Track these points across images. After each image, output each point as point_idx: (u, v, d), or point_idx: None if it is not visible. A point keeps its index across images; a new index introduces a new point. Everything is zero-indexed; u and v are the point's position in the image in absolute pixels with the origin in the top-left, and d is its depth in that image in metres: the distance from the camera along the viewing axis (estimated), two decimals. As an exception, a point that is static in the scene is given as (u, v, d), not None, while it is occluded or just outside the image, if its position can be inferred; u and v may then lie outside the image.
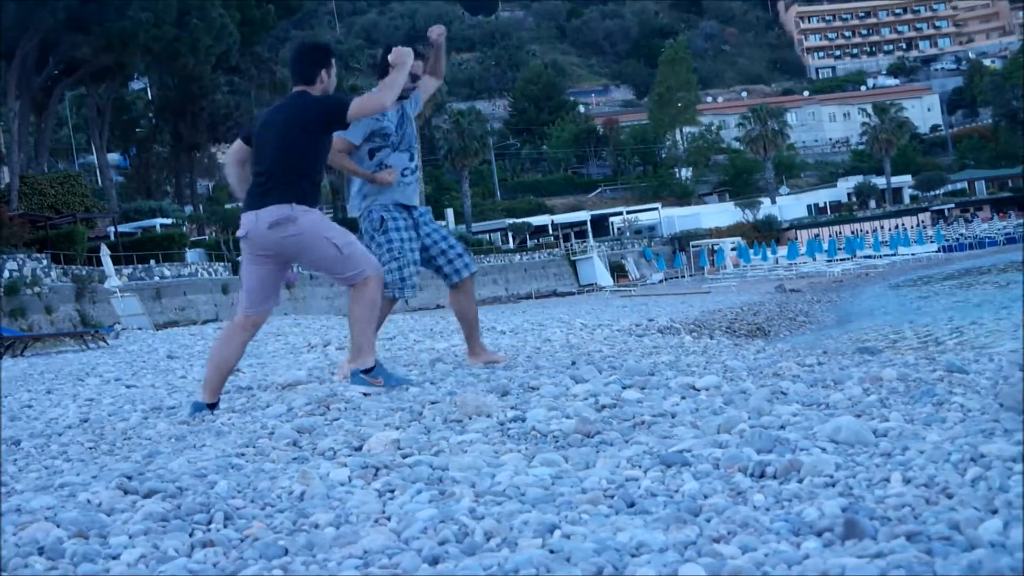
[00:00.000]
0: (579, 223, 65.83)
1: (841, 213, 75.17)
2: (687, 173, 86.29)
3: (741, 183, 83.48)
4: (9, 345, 16.86)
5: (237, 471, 3.22)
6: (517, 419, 3.73)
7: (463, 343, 6.57)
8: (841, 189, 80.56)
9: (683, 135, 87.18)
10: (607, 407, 3.87)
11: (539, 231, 65.06)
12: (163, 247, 35.94)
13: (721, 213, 71.41)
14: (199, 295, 33.11)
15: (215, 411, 4.85)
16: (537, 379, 4.83)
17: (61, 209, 36.94)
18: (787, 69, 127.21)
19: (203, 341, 14.88)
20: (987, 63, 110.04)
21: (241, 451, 3.60)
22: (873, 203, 77.21)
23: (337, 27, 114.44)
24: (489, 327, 11.28)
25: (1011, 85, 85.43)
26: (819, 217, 74.50)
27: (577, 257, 57.55)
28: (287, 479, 3.01)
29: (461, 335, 6.55)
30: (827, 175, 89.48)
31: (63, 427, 5.15)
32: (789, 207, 74.96)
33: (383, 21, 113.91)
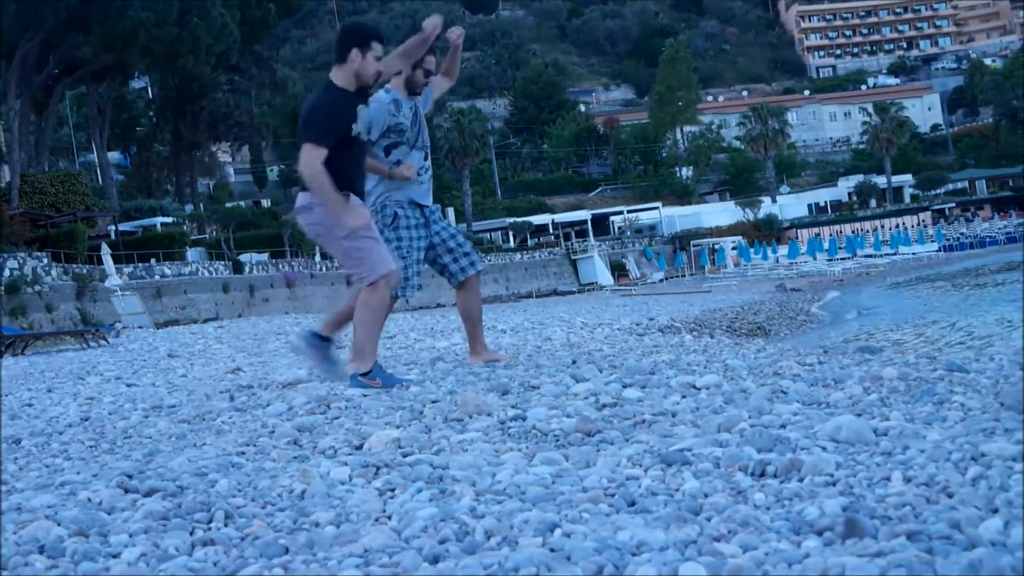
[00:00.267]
0: (580, 222, 65.80)
1: (842, 212, 75.17)
2: (688, 172, 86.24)
3: (742, 182, 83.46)
4: (10, 344, 16.87)
5: (238, 470, 3.22)
6: (518, 418, 3.73)
7: (463, 342, 6.57)
8: (842, 188, 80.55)
9: (684, 134, 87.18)
10: (608, 406, 3.86)
11: (540, 230, 65.02)
12: (164, 246, 35.94)
13: (722, 212, 71.40)
14: (200, 294, 33.10)
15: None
16: (538, 378, 4.83)
17: (62, 208, 36.96)
18: (788, 68, 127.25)
19: (203, 340, 14.89)
20: (988, 62, 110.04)
21: (242, 450, 3.60)
22: (874, 202, 77.20)
23: (337, 27, 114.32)
24: (490, 326, 11.29)
25: (1012, 84, 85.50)
26: (820, 216, 74.47)
27: (578, 256, 57.51)
28: (288, 478, 3.00)
29: (461, 334, 6.55)
30: (828, 174, 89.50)
31: (64, 425, 5.16)
32: (790, 206, 74.93)
33: (384, 21, 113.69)
